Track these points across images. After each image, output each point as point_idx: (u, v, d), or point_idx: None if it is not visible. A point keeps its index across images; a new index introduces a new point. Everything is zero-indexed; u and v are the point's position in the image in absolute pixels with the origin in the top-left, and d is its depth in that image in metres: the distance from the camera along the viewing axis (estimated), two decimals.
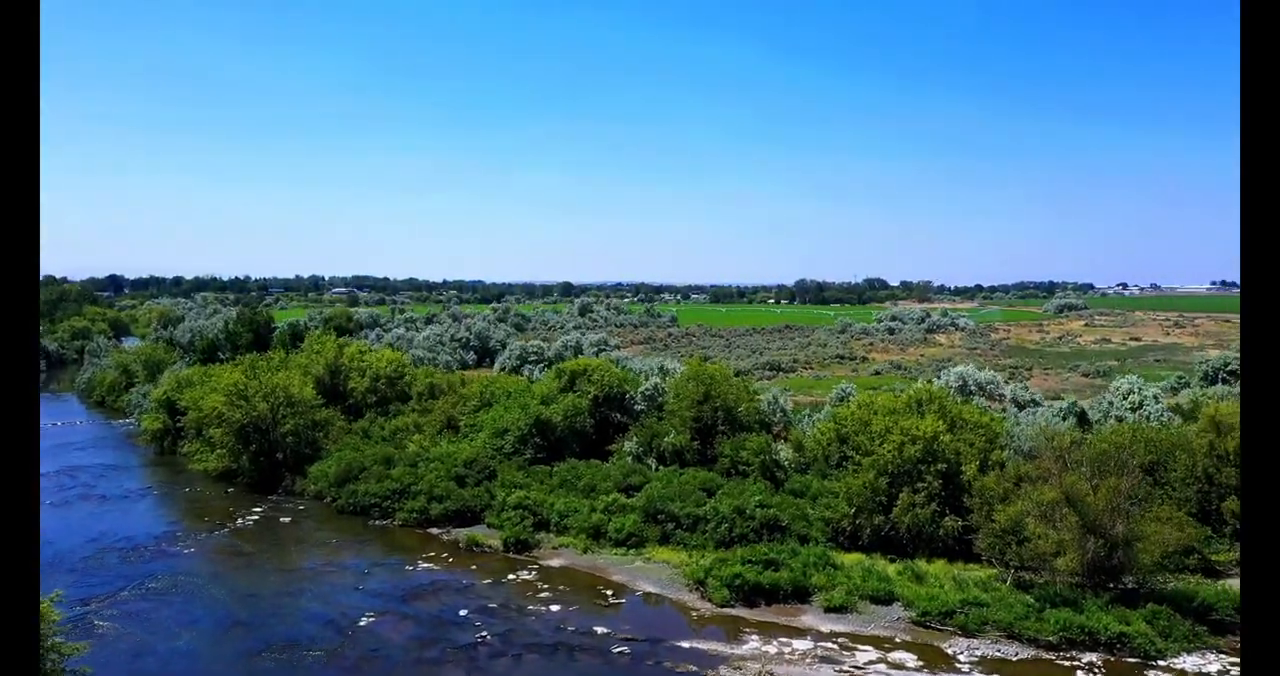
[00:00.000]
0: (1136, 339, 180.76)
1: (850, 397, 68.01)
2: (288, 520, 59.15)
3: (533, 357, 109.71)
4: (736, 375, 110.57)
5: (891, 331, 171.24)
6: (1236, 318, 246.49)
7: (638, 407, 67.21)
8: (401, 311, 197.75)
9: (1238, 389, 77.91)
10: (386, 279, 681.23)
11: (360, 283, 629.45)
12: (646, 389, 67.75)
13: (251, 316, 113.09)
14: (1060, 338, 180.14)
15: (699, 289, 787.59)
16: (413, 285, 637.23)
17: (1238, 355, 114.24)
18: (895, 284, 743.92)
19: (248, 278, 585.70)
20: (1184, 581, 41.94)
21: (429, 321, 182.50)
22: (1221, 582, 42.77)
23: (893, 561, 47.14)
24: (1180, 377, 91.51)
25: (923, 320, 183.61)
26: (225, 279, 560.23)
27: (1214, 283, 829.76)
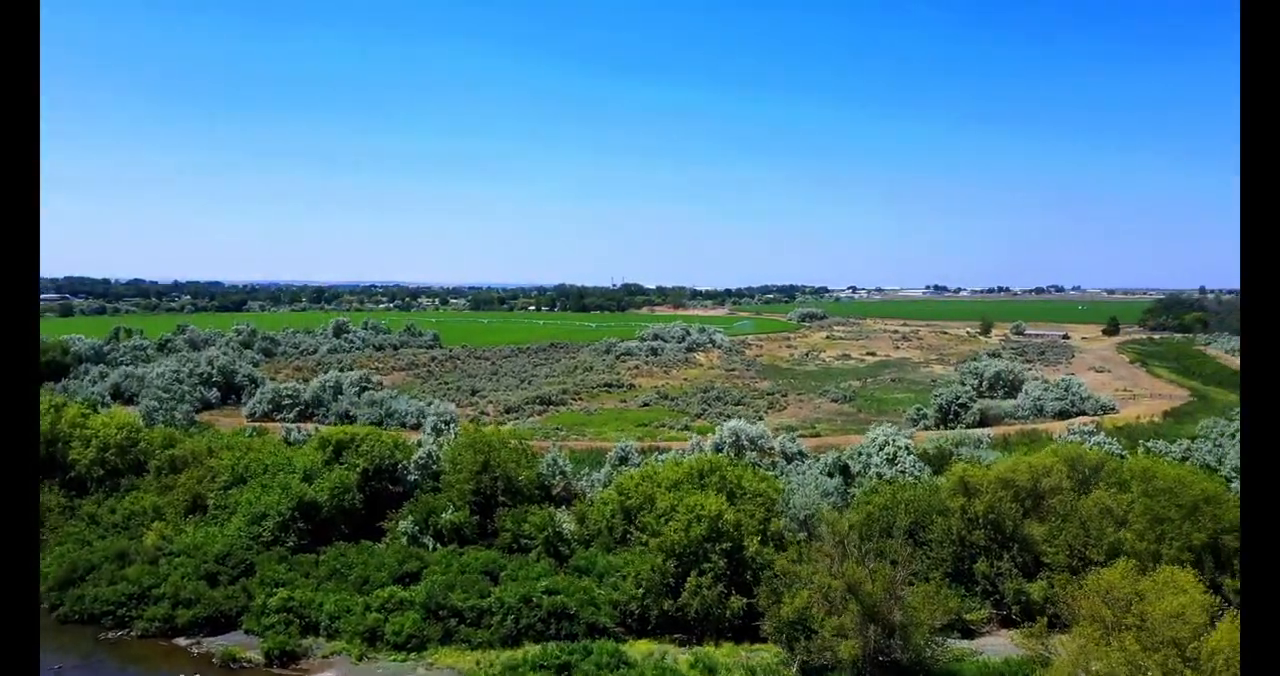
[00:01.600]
0: (872, 354, 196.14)
1: (630, 458, 67.86)
2: None
3: (287, 402, 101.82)
4: (507, 412, 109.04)
5: (655, 352, 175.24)
6: (951, 328, 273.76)
7: (411, 478, 63.47)
8: (128, 334, 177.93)
9: (968, 430, 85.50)
10: (107, 282, 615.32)
11: (75, 287, 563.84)
12: (420, 457, 64.14)
13: None
14: (807, 354, 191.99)
15: (458, 292, 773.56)
16: (139, 289, 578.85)
17: (960, 381, 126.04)
18: (652, 287, 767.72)
19: None
20: (949, 651, 44.64)
21: (162, 347, 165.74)
22: (979, 648, 46.10)
23: (683, 645, 47.13)
24: (919, 409, 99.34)
25: (683, 338, 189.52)
26: None
27: (928, 287, 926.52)
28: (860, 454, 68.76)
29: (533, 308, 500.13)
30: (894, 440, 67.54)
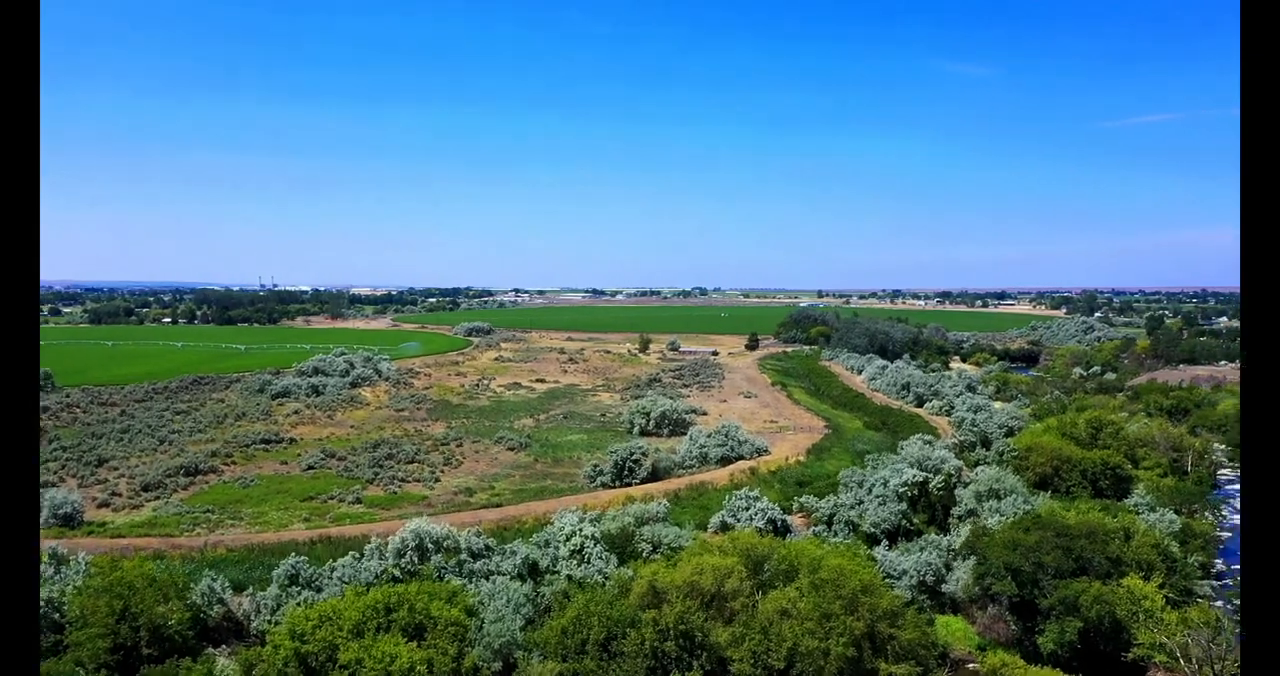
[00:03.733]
0: (542, 380, 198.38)
1: (301, 573, 61.47)
2: None
3: None
4: (145, 491, 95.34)
5: (316, 390, 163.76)
6: (613, 344, 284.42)
7: None
8: None
9: (646, 494, 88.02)
10: None
11: None
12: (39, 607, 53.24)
13: None
14: (478, 383, 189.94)
15: (72, 296, 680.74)
16: None
17: (629, 422, 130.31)
18: (306, 291, 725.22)
19: None
20: None
21: None
22: None
23: None
24: (596, 466, 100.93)
25: (347, 372, 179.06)
26: None
27: (587, 291, 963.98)
28: (548, 544, 68.01)
29: (168, 319, 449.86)
30: (580, 530, 67.46)
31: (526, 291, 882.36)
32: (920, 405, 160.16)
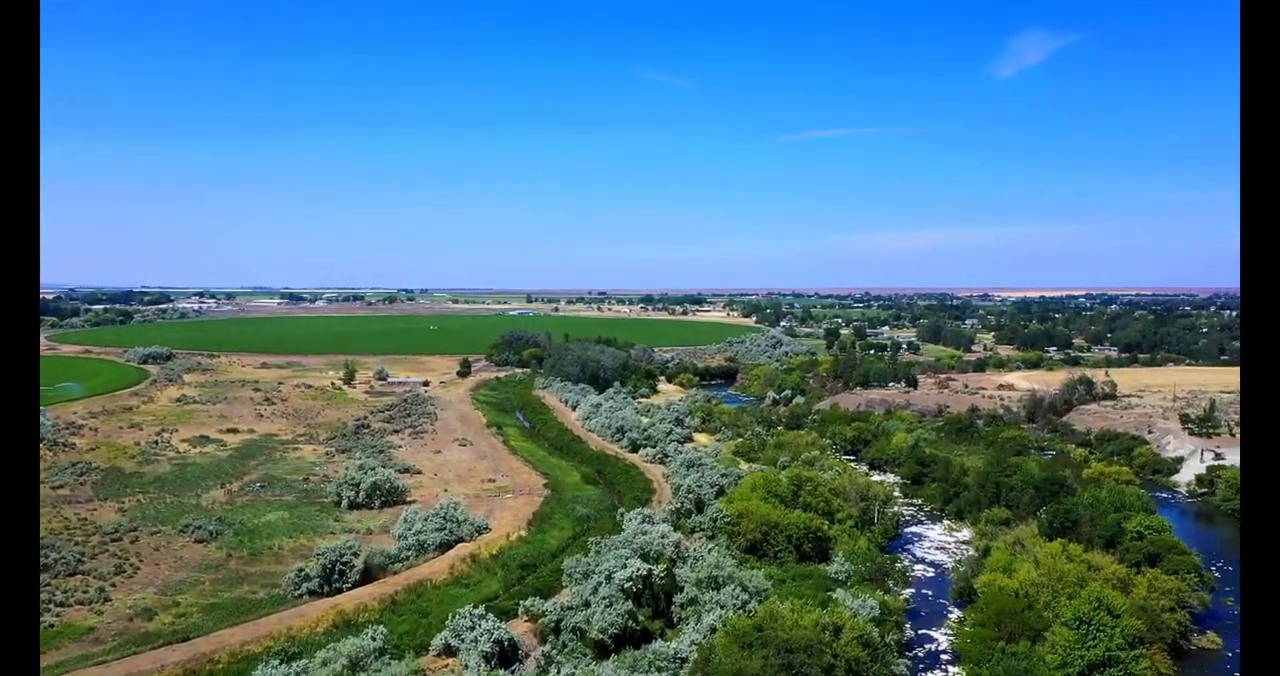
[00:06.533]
0: (235, 430, 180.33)
1: None
2: None
3: None
4: None
5: None
6: (314, 372, 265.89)
7: None
8: None
9: (360, 604, 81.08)
10: None
11: None
12: None
13: None
14: (157, 438, 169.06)
15: None
16: None
17: (334, 497, 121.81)
18: None
19: None
20: None
21: None
22: None
23: None
24: (301, 571, 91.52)
25: None
26: None
27: (284, 297, 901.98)
28: None
29: None
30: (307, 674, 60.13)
31: (214, 295, 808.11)
32: (635, 451, 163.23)
